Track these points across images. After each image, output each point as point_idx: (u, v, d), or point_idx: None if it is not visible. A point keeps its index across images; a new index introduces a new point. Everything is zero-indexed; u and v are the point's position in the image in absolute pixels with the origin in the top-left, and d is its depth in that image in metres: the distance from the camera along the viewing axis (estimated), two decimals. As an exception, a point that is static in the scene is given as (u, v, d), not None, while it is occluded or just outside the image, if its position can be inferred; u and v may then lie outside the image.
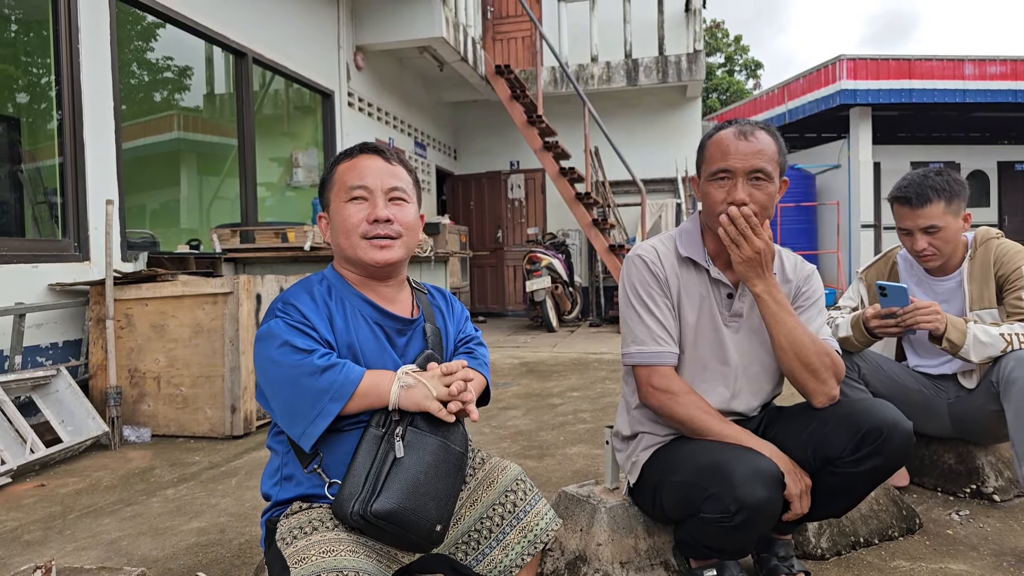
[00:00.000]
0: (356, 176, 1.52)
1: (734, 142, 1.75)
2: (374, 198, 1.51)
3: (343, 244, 1.52)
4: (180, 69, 6.05)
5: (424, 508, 1.37)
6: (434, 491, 1.39)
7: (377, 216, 1.50)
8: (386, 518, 1.33)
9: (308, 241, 5.13)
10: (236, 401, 3.85)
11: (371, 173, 1.52)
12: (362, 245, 1.50)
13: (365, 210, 1.51)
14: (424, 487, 1.38)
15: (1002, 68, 11.99)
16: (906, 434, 1.66)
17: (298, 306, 1.45)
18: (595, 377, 5.55)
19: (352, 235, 1.50)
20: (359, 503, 1.33)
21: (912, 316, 2.27)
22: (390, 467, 1.37)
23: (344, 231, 1.51)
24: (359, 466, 1.38)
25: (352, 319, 1.51)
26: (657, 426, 1.91)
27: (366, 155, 1.55)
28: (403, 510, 1.34)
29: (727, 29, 30.95)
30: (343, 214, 1.51)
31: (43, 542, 2.50)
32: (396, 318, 1.56)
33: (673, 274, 1.88)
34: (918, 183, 2.43)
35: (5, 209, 4.48)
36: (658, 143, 11.10)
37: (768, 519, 1.62)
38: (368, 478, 1.36)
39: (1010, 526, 2.36)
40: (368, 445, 1.40)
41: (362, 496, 1.34)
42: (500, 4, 11.24)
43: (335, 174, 1.56)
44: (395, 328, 1.55)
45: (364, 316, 1.52)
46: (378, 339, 1.52)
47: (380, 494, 1.34)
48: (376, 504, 1.33)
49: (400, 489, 1.35)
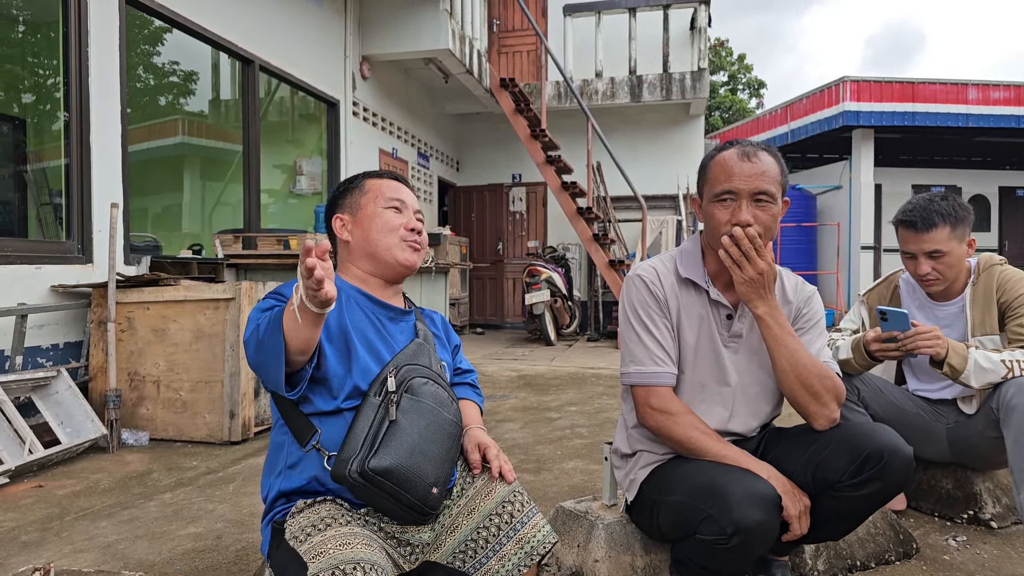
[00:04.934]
0: (393, 191, 1.72)
1: (738, 163, 1.76)
2: (408, 212, 1.72)
3: (377, 240, 1.66)
4: (186, 74, 6.08)
5: (420, 467, 1.45)
6: (429, 452, 1.48)
7: (414, 226, 1.71)
8: (383, 474, 1.40)
9: (310, 249, 5.13)
10: (235, 407, 3.85)
11: (405, 193, 1.74)
12: (400, 244, 1.67)
13: (403, 218, 1.70)
14: (420, 447, 1.47)
15: (1005, 93, 12.04)
16: (907, 459, 1.66)
17: (282, 291, 1.55)
18: (593, 392, 5.55)
19: (393, 235, 1.67)
20: (357, 461, 1.40)
21: (913, 341, 2.26)
22: (387, 429, 1.46)
23: (386, 229, 1.67)
24: (358, 430, 1.45)
25: (347, 305, 1.60)
26: (656, 445, 1.92)
27: (394, 181, 1.75)
28: (400, 467, 1.42)
29: (731, 48, 31.09)
30: (384, 216, 1.68)
31: (40, 543, 2.49)
32: (390, 307, 1.69)
33: (673, 294, 1.88)
34: (924, 207, 2.42)
35: (9, 210, 4.50)
36: (660, 160, 11.14)
37: (764, 542, 1.62)
38: (366, 439, 1.44)
39: (1007, 553, 2.35)
40: (366, 411, 1.48)
41: (360, 455, 1.41)
42: (506, 17, 11.31)
43: (367, 185, 1.73)
44: (388, 316, 1.68)
45: (360, 306, 1.63)
46: (373, 323, 1.63)
47: (377, 452, 1.42)
48: (374, 460, 1.40)
49: (396, 447, 1.44)
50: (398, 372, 1.54)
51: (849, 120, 11.84)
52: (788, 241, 12.92)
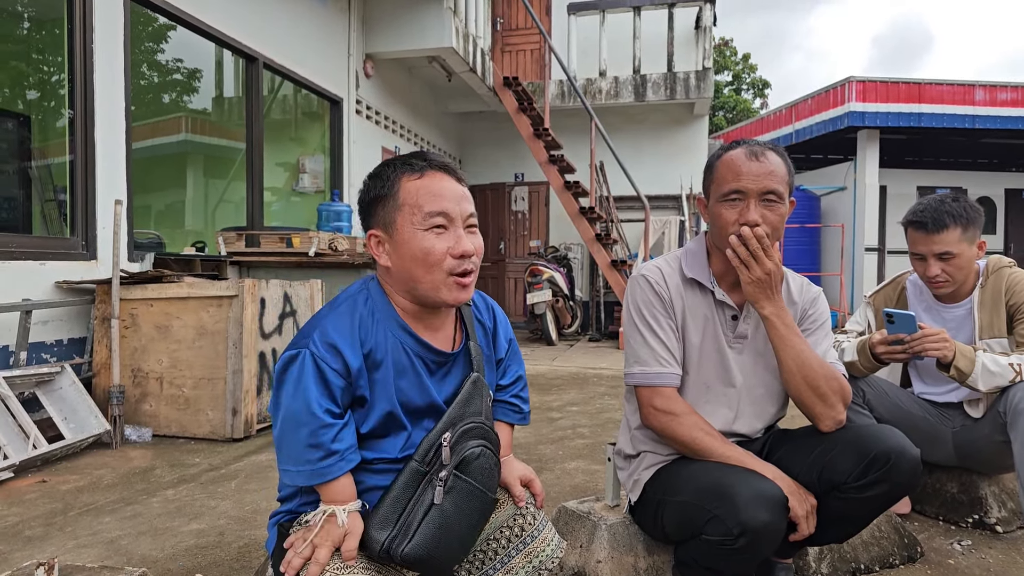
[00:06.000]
0: (433, 200, 1.35)
1: (746, 163, 1.74)
2: (455, 228, 1.37)
3: (418, 276, 1.37)
4: (190, 71, 6.08)
5: (450, 554, 1.37)
6: (462, 535, 1.39)
7: (464, 251, 1.36)
8: (413, 564, 1.32)
9: (313, 247, 5.14)
10: (238, 404, 3.85)
11: (450, 198, 1.37)
12: (447, 283, 1.37)
13: (448, 241, 1.36)
14: (454, 533, 1.36)
15: (1012, 95, 11.99)
16: (914, 461, 1.65)
17: (336, 344, 1.34)
18: (594, 392, 5.55)
19: (435, 271, 1.35)
20: (388, 541, 1.32)
21: (920, 343, 2.24)
22: (426, 511, 1.34)
23: (426, 264, 1.35)
24: (394, 500, 1.35)
25: (393, 352, 1.40)
26: (660, 446, 1.91)
27: (437, 173, 1.39)
28: (431, 558, 1.33)
29: (735, 47, 31.02)
30: (422, 245, 1.34)
31: (44, 538, 2.49)
32: (438, 352, 1.46)
33: (678, 295, 1.87)
34: (934, 208, 2.40)
35: (14, 206, 4.50)
36: (664, 160, 11.12)
37: (771, 543, 1.61)
38: (402, 516, 1.33)
39: (1012, 558, 2.34)
40: (407, 480, 1.36)
41: (392, 534, 1.32)
42: (510, 16, 11.30)
43: (402, 191, 1.37)
44: (435, 361, 1.46)
45: (405, 347, 1.41)
46: (417, 373, 1.42)
47: (412, 538, 1.31)
48: (408, 548, 1.31)
49: (433, 536, 1.33)
50: (452, 438, 1.39)
51: (854, 121, 11.82)
52: (792, 242, 12.89)
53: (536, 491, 1.59)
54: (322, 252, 5.19)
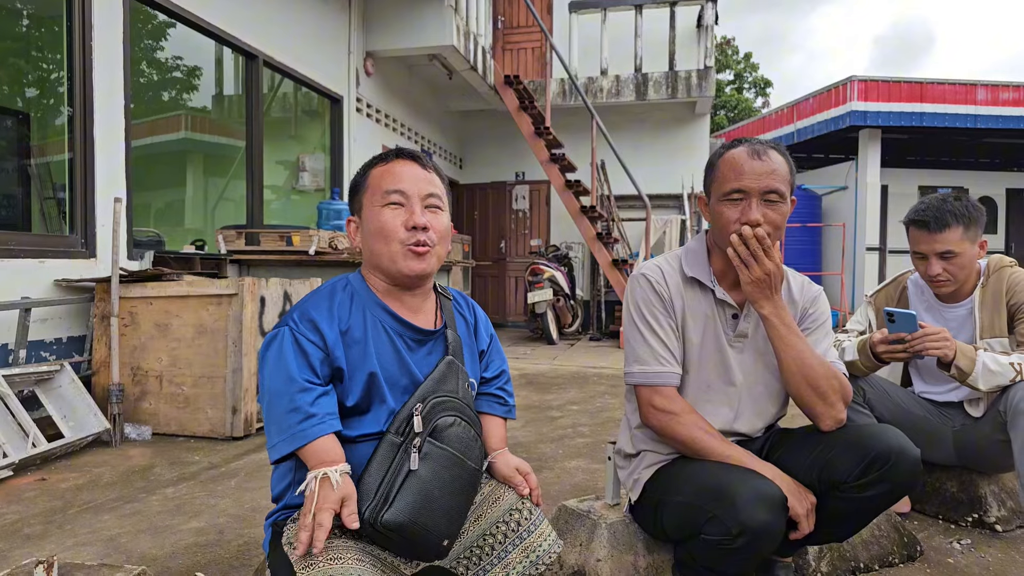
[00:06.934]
0: (392, 180, 1.48)
1: (748, 161, 1.74)
2: (411, 204, 1.48)
3: (378, 250, 1.48)
4: (189, 69, 6.07)
5: (434, 523, 1.37)
6: (446, 506, 1.40)
7: (415, 223, 1.46)
8: (396, 530, 1.33)
9: (313, 245, 5.13)
10: (237, 402, 3.85)
11: (408, 178, 1.49)
12: (400, 252, 1.46)
13: (402, 216, 1.47)
14: (437, 502, 1.38)
15: (1015, 94, 11.97)
16: (914, 461, 1.65)
17: (314, 319, 1.43)
18: (595, 391, 5.54)
19: (391, 241, 1.46)
20: (369, 511, 1.33)
21: (921, 342, 2.24)
22: (404, 478, 1.37)
23: (381, 236, 1.47)
24: (373, 472, 1.37)
25: (372, 330, 1.47)
26: (660, 445, 1.90)
27: (402, 160, 1.52)
28: (413, 523, 1.34)
29: (737, 46, 31.00)
30: (379, 219, 1.47)
31: (43, 536, 2.49)
32: (417, 329, 1.52)
33: (678, 294, 1.87)
34: (937, 207, 2.40)
35: (14, 204, 4.49)
36: (665, 159, 11.10)
37: (770, 543, 1.61)
38: (381, 486, 1.36)
39: (1012, 557, 2.34)
40: (384, 452, 1.39)
41: (373, 504, 1.34)
42: (511, 14, 11.28)
43: (369, 178, 1.52)
44: (415, 339, 1.52)
45: (385, 327, 1.49)
46: (397, 350, 1.48)
47: (392, 504, 1.34)
48: (387, 515, 1.33)
49: (412, 502, 1.35)
50: (424, 408, 1.43)
51: (856, 120, 11.80)
52: (793, 241, 12.89)
53: (532, 485, 1.60)
54: (322, 250, 5.19)
